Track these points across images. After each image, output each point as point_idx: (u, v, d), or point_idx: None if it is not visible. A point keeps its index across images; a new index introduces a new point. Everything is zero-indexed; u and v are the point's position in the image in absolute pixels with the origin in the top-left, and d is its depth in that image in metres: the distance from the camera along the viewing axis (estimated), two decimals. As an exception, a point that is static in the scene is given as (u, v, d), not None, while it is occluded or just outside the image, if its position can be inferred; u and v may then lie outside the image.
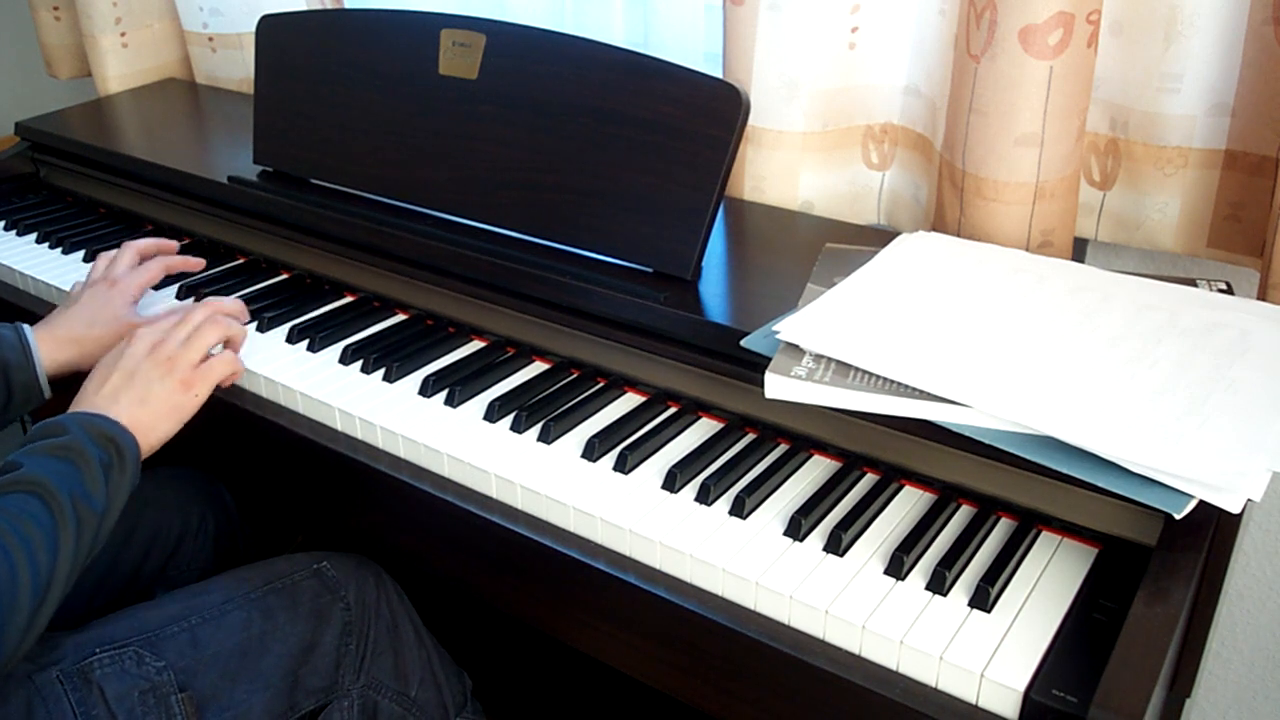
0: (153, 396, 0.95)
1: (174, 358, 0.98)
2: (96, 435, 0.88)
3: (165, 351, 0.98)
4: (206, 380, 0.99)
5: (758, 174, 1.24)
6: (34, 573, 0.79)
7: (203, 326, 1.02)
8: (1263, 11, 0.96)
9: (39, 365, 1.04)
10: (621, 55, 1.05)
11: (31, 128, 1.55)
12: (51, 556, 0.80)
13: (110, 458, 0.87)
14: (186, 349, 0.99)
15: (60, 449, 0.85)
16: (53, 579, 0.80)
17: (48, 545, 0.80)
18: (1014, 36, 0.96)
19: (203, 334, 1.01)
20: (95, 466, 0.85)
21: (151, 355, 0.98)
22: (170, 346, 0.99)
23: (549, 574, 0.88)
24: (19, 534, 0.79)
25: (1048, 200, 1.03)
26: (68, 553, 0.81)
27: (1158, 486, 0.72)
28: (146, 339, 0.99)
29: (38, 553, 0.79)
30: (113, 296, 1.11)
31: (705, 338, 0.96)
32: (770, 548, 0.81)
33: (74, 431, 0.87)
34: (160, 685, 0.91)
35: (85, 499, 0.84)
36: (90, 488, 0.84)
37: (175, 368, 0.97)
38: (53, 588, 0.80)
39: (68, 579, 0.82)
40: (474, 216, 1.14)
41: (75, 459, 0.85)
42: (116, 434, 0.89)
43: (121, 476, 0.88)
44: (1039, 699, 0.67)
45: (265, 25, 1.30)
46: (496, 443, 0.94)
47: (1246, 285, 1.03)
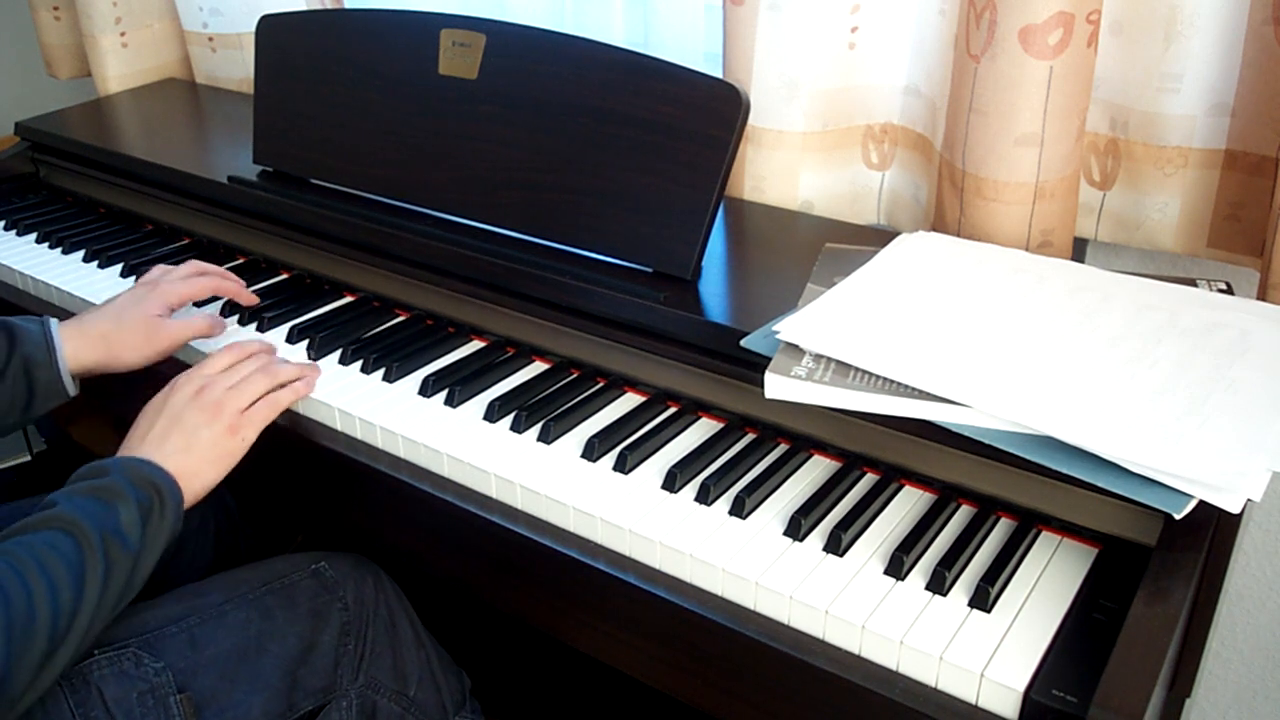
0: (199, 442, 0.92)
1: (221, 402, 0.95)
2: (138, 479, 0.85)
3: (211, 396, 0.95)
4: (254, 424, 0.96)
5: (758, 174, 1.24)
6: (54, 608, 0.76)
7: (253, 376, 0.99)
8: (1263, 11, 0.96)
9: (62, 362, 1.02)
10: (621, 55, 1.05)
11: (31, 128, 1.55)
12: (76, 594, 0.77)
13: (151, 500, 0.85)
14: (235, 394, 0.96)
15: (99, 490, 0.83)
16: (75, 617, 0.77)
17: (73, 583, 0.77)
18: (1014, 36, 0.96)
19: (253, 382, 0.98)
20: (133, 508, 0.83)
21: (197, 400, 0.95)
22: (217, 391, 0.96)
23: (549, 574, 0.88)
24: (44, 570, 0.76)
25: (1048, 200, 1.03)
26: (94, 592, 0.78)
27: (1158, 486, 0.72)
28: (193, 383, 0.96)
29: (61, 591, 0.76)
30: (149, 298, 1.08)
31: (705, 338, 0.96)
32: (770, 548, 0.81)
33: (115, 474, 0.85)
34: (159, 686, 0.91)
35: (119, 539, 0.81)
36: (126, 530, 0.82)
37: (222, 413, 0.94)
38: (74, 629, 0.77)
39: (92, 621, 0.79)
40: (474, 216, 1.14)
41: (112, 499, 0.83)
42: (159, 479, 0.87)
43: (161, 521, 0.85)
44: (1039, 699, 0.67)
45: (265, 25, 1.30)
46: (496, 443, 0.94)
47: (1246, 285, 1.03)
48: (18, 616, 0.74)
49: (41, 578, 0.76)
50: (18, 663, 0.74)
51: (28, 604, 0.75)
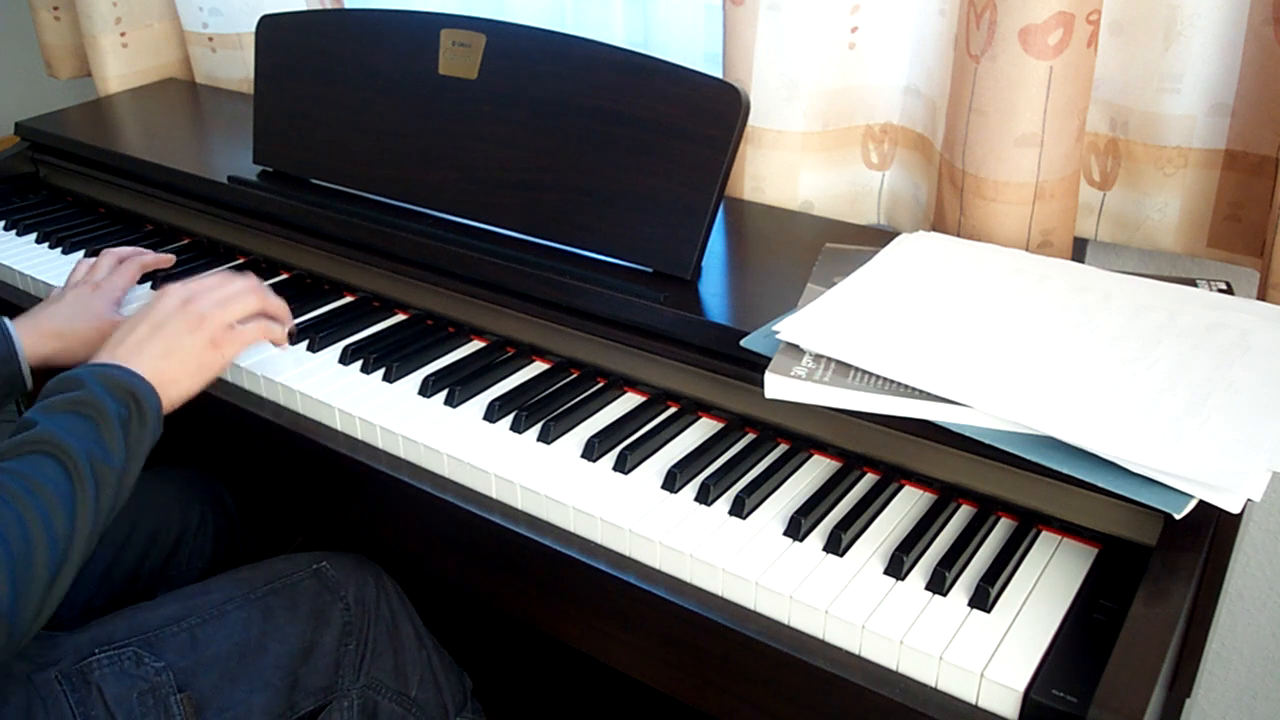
0: (179, 350, 0.92)
1: (206, 315, 0.95)
2: (114, 388, 0.84)
3: (197, 308, 0.95)
4: (237, 341, 0.97)
5: (758, 174, 1.24)
6: (51, 538, 0.76)
7: (241, 293, 0.99)
8: (1263, 11, 0.96)
9: (22, 355, 1.04)
10: (621, 55, 1.05)
11: (31, 128, 1.55)
12: (69, 520, 0.77)
13: (128, 411, 0.84)
14: (221, 309, 0.96)
15: (76, 404, 0.82)
16: (71, 543, 0.77)
17: (65, 509, 0.77)
18: (1014, 36, 0.96)
19: (242, 299, 0.99)
20: (113, 421, 0.82)
21: (183, 310, 0.95)
22: (204, 304, 0.96)
23: (549, 574, 0.88)
24: (35, 499, 0.76)
25: (1048, 200, 1.03)
26: (86, 515, 0.79)
27: (1158, 486, 0.72)
28: (178, 294, 0.96)
29: (55, 518, 0.76)
30: (95, 298, 1.12)
31: (705, 338, 0.96)
32: (770, 548, 0.81)
33: (90, 384, 0.84)
34: (159, 686, 0.91)
35: (103, 456, 0.81)
36: (108, 444, 0.81)
37: (205, 324, 0.94)
38: (72, 552, 0.78)
39: (88, 541, 0.79)
40: (474, 216, 1.14)
41: (92, 414, 0.82)
42: (135, 385, 0.86)
43: (141, 430, 0.85)
44: (1039, 699, 0.67)
45: (265, 25, 1.30)
46: (496, 443, 0.94)
47: (1246, 285, 1.03)
48: (18, 550, 0.74)
49: (35, 507, 0.76)
50: (23, 595, 0.74)
51: (24, 536, 0.75)
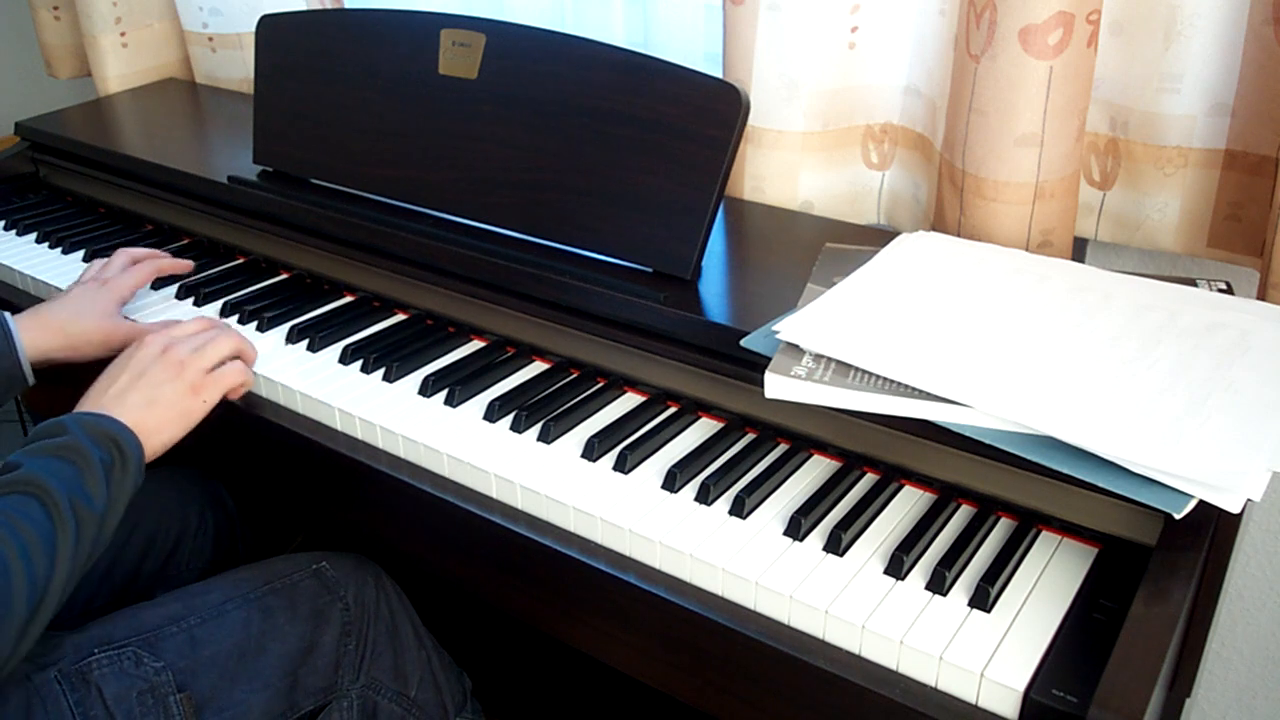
0: (161, 399, 0.94)
1: (185, 361, 0.97)
2: (98, 435, 0.87)
3: (177, 355, 0.97)
4: (217, 386, 0.99)
5: (758, 174, 1.24)
6: (30, 577, 0.77)
7: (218, 337, 1.02)
8: (1263, 11, 0.96)
9: (21, 351, 1.04)
10: (621, 55, 1.05)
11: (31, 128, 1.55)
12: (49, 560, 0.79)
13: (112, 458, 0.86)
14: (199, 355, 0.98)
15: (61, 449, 0.84)
16: (50, 583, 0.79)
17: (45, 549, 0.79)
18: (1014, 36, 0.96)
19: (217, 343, 1.01)
20: (96, 467, 0.84)
21: (163, 357, 0.97)
22: (182, 351, 0.98)
23: (549, 574, 0.88)
24: (15, 537, 0.77)
25: (1047, 200, 1.03)
26: (66, 556, 0.80)
27: (1158, 486, 0.72)
28: (158, 342, 0.99)
29: (35, 557, 0.78)
30: (102, 294, 1.11)
31: (705, 338, 0.96)
32: (770, 548, 0.81)
33: (74, 431, 0.86)
34: (159, 686, 0.91)
35: (85, 500, 0.82)
36: (90, 489, 0.83)
37: (185, 371, 0.97)
38: (50, 592, 0.79)
39: (66, 583, 0.80)
40: (474, 216, 1.14)
41: (75, 459, 0.84)
42: (118, 434, 0.88)
43: (124, 477, 0.86)
44: (1039, 699, 0.67)
45: (265, 25, 1.30)
46: (496, 442, 0.94)
47: (1246, 285, 1.03)
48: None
49: (15, 546, 0.77)
50: (2, 630, 0.75)
51: (4, 574, 0.76)
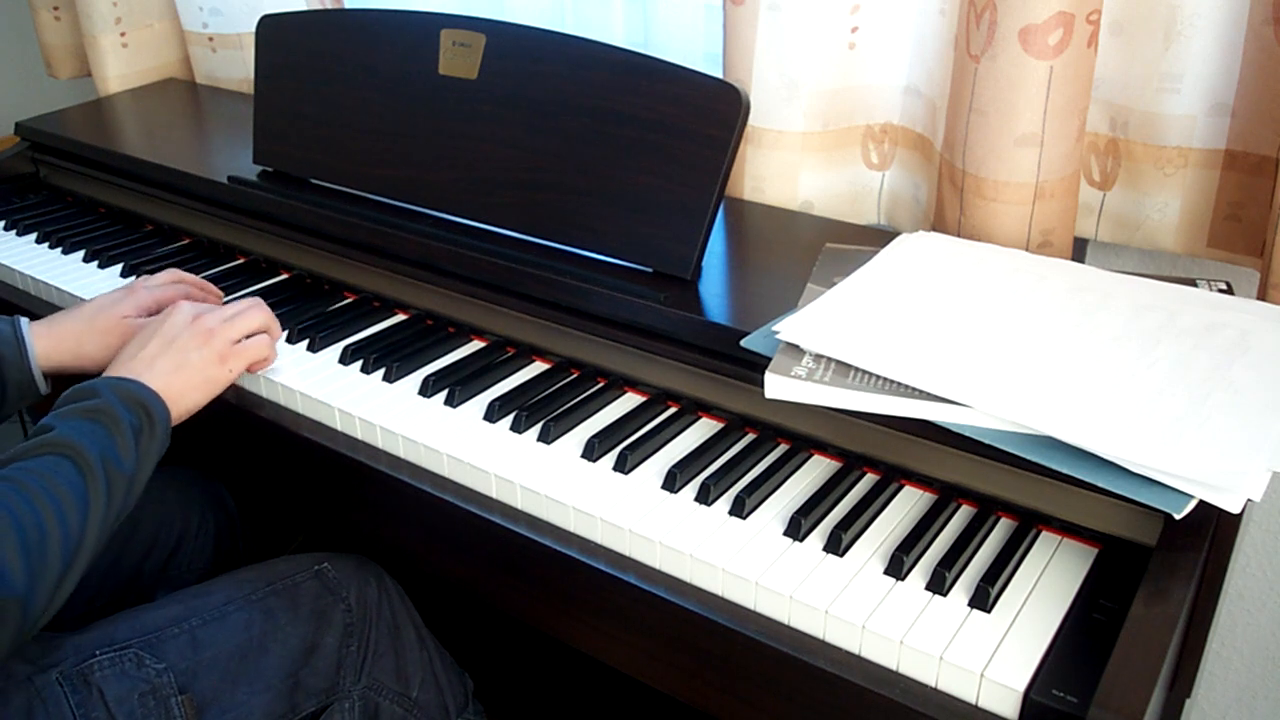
0: (188, 365, 0.96)
1: (214, 330, 1.00)
2: (127, 399, 0.89)
3: (206, 324, 1.00)
4: (243, 357, 1.01)
5: (758, 174, 1.24)
6: (65, 532, 0.80)
7: (248, 310, 1.04)
8: (1263, 11, 0.96)
9: (33, 360, 1.04)
10: (621, 55, 1.05)
11: (31, 128, 1.55)
12: (82, 517, 0.81)
13: (140, 421, 0.89)
14: (228, 326, 1.01)
15: (91, 412, 0.86)
16: (83, 539, 0.81)
17: (78, 506, 0.81)
18: (1014, 36, 0.96)
19: (247, 316, 1.03)
20: (126, 429, 0.87)
21: (192, 325, 0.99)
22: (212, 320, 1.01)
23: (549, 574, 0.88)
24: (50, 494, 0.80)
25: (1047, 200, 1.03)
26: (98, 514, 0.82)
27: (1158, 486, 0.72)
28: (188, 310, 1.01)
29: (68, 513, 0.80)
30: (123, 301, 1.10)
31: (705, 338, 0.96)
32: (770, 548, 0.81)
33: (105, 395, 0.88)
34: (160, 687, 0.91)
35: (115, 461, 0.85)
36: (120, 451, 0.86)
37: (213, 340, 0.99)
38: (83, 548, 0.81)
39: (98, 540, 0.83)
40: (474, 216, 1.14)
41: (106, 421, 0.86)
42: (147, 398, 0.90)
43: (151, 441, 0.89)
44: (1039, 699, 0.67)
45: (265, 25, 1.30)
46: (496, 443, 0.94)
47: (1246, 285, 1.03)
48: (33, 541, 0.78)
49: (50, 503, 0.80)
50: (38, 584, 0.78)
51: (40, 529, 0.78)
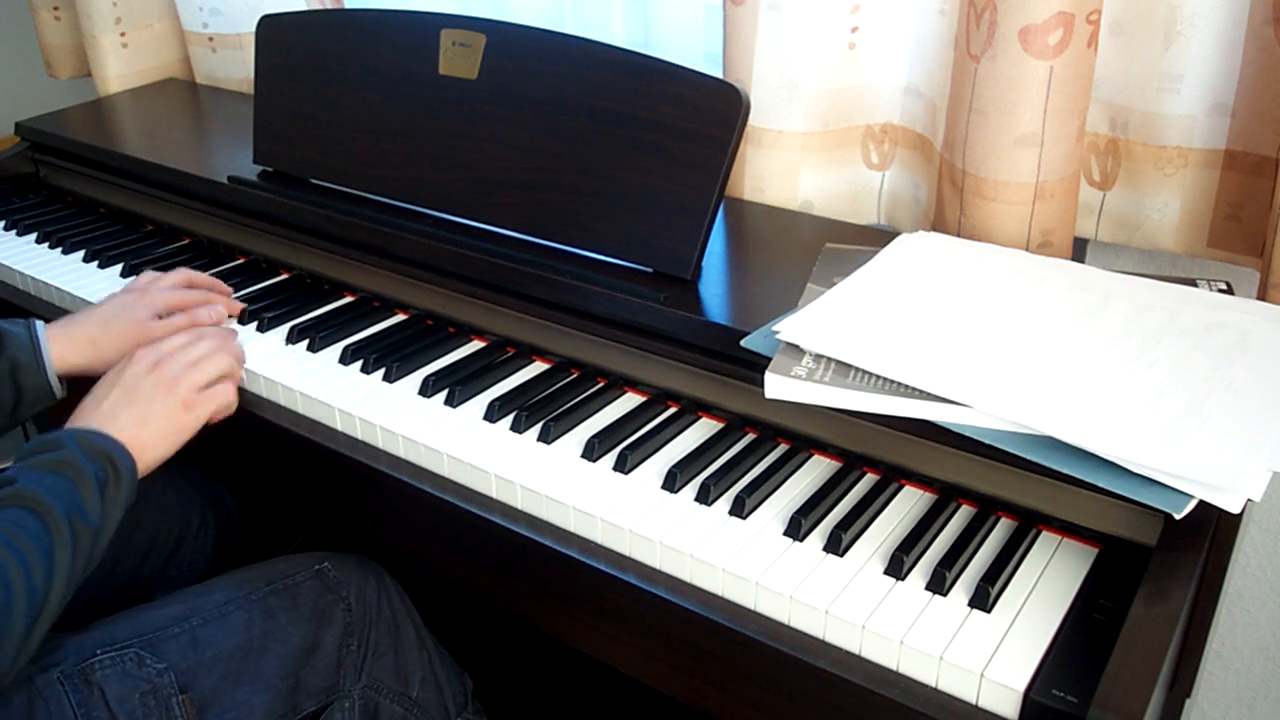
0: (153, 415, 0.94)
1: (177, 379, 0.96)
2: (92, 451, 0.86)
3: (169, 372, 0.97)
4: (209, 404, 0.98)
5: (758, 174, 1.24)
6: (30, 588, 0.78)
7: (213, 354, 1.01)
8: (1263, 11, 0.96)
9: (48, 364, 1.02)
10: (621, 55, 1.05)
11: (31, 128, 1.55)
12: (47, 574, 0.79)
13: (106, 474, 0.86)
14: (192, 372, 0.98)
15: (56, 464, 0.84)
16: (48, 596, 0.79)
17: (43, 562, 0.79)
18: (1014, 36, 0.96)
19: (212, 361, 1.00)
20: (91, 482, 0.84)
21: (154, 374, 0.96)
22: (174, 368, 0.97)
23: (549, 574, 0.88)
24: (14, 549, 0.78)
25: (1048, 200, 1.03)
26: (63, 569, 0.80)
27: (1158, 486, 0.72)
28: (148, 358, 0.98)
29: (34, 568, 0.78)
30: (138, 304, 1.09)
31: (705, 338, 0.96)
32: (770, 548, 0.81)
33: (70, 446, 0.86)
34: (161, 687, 0.91)
35: (81, 515, 0.82)
36: (86, 504, 0.83)
37: (177, 388, 0.96)
38: (49, 603, 0.79)
39: (63, 595, 0.81)
40: (474, 216, 1.14)
41: (71, 474, 0.84)
42: (113, 451, 0.88)
43: (118, 493, 0.87)
44: (1039, 699, 0.67)
45: (265, 25, 1.30)
46: (496, 443, 0.94)
47: (1246, 285, 1.03)
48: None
49: (15, 558, 0.77)
50: (2, 641, 0.76)
51: (4, 585, 0.76)
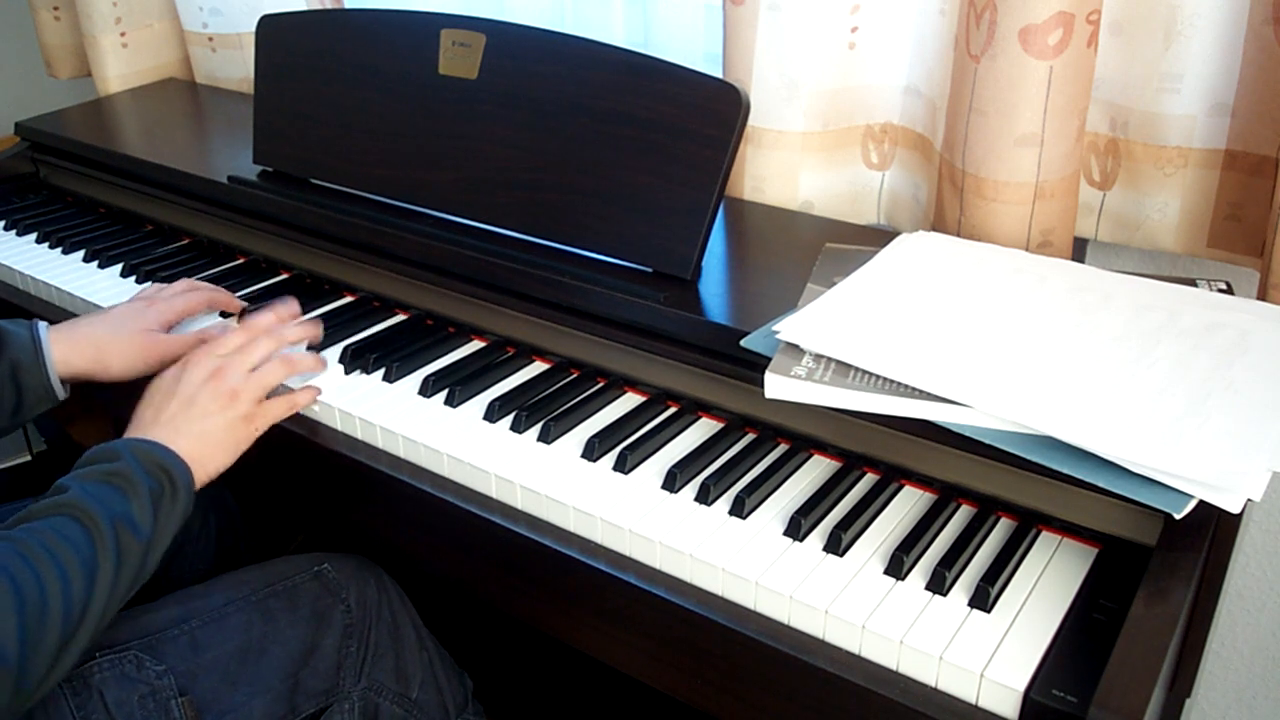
0: (213, 428, 0.91)
1: (237, 390, 0.93)
2: (149, 463, 0.84)
3: (228, 383, 0.93)
4: (268, 416, 0.96)
5: (758, 174, 1.24)
6: (66, 599, 0.75)
7: (273, 363, 0.97)
8: (1263, 11, 0.96)
9: (50, 365, 1.01)
10: (621, 55, 1.05)
11: (31, 128, 1.55)
12: (87, 584, 0.76)
13: (161, 487, 0.84)
14: (252, 383, 0.95)
15: (110, 475, 0.82)
16: (88, 608, 0.76)
17: (84, 573, 0.76)
18: (1014, 36, 0.96)
19: (272, 370, 0.97)
20: (144, 494, 0.82)
21: (212, 384, 0.93)
22: (234, 378, 0.94)
23: (549, 574, 0.88)
24: (55, 559, 0.75)
25: (1048, 200, 1.03)
26: (105, 582, 0.77)
27: (1158, 486, 0.72)
28: (205, 365, 0.95)
29: (73, 580, 0.75)
30: (145, 312, 1.08)
31: (705, 338, 0.96)
32: (770, 548, 0.81)
33: (126, 458, 0.83)
34: (160, 689, 0.91)
35: (130, 526, 0.80)
36: (137, 516, 0.81)
37: (238, 401, 0.93)
38: (88, 617, 0.76)
39: (104, 610, 0.78)
40: (474, 216, 1.14)
41: (124, 485, 0.82)
42: (170, 463, 0.85)
43: (173, 506, 0.84)
44: (1039, 699, 0.67)
45: (265, 25, 1.30)
46: (496, 443, 0.94)
47: (1246, 285, 1.03)
48: (31, 607, 0.73)
49: (53, 567, 0.75)
50: (33, 654, 0.73)
51: (40, 594, 0.74)
